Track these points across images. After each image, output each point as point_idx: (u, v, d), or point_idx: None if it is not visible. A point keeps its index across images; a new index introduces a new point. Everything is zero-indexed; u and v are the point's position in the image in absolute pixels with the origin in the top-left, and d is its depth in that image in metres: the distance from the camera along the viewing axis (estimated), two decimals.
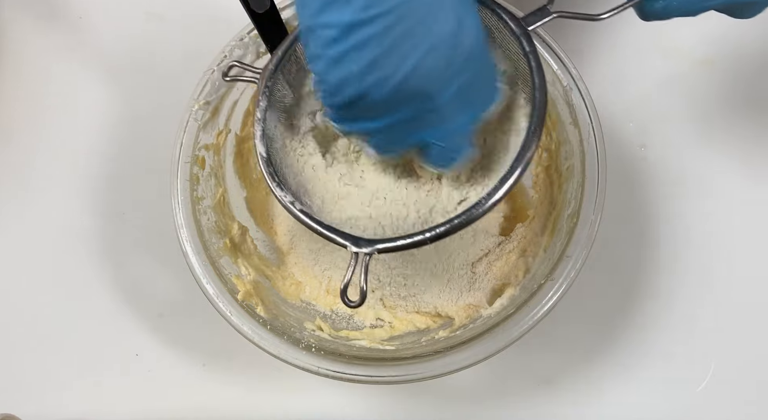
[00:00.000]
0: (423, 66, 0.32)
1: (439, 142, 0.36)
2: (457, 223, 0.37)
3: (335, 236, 0.38)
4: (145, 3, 0.58)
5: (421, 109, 0.34)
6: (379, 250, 0.37)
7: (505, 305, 0.46)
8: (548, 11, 0.39)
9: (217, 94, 0.47)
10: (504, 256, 0.50)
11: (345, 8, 0.31)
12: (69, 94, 0.57)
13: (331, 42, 0.32)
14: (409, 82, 0.33)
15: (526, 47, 0.39)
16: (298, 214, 0.39)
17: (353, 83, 0.33)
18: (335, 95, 0.34)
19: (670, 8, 0.38)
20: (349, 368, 0.43)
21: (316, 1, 0.32)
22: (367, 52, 0.32)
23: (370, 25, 0.31)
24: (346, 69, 0.32)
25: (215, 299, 0.44)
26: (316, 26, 0.32)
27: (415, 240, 0.37)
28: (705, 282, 0.52)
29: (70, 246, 0.54)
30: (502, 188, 0.37)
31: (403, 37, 0.32)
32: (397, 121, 0.35)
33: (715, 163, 0.54)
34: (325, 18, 0.32)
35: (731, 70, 0.56)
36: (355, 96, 0.33)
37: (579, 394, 0.50)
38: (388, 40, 0.32)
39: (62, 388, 0.52)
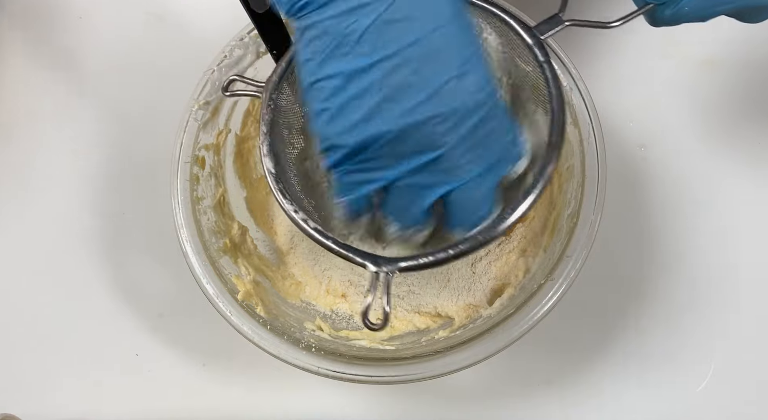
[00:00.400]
0: (425, 110, 0.32)
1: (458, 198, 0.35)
2: (480, 240, 0.36)
3: (353, 255, 0.37)
4: (145, 3, 0.58)
5: (429, 160, 0.33)
6: (401, 268, 0.36)
7: (505, 305, 0.46)
8: (560, 20, 0.39)
9: (217, 94, 0.47)
10: (504, 256, 0.50)
11: (345, 58, 0.31)
12: (69, 94, 0.57)
13: (334, 93, 0.32)
14: (410, 127, 0.32)
15: (540, 57, 0.38)
16: (311, 233, 0.38)
17: (356, 132, 0.32)
18: (338, 149, 0.33)
19: (680, 14, 0.37)
20: (349, 368, 0.43)
21: (317, 56, 0.32)
22: (367, 99, 0.32)
23: (370, 72, 0.31)
24: (349, 118, 0.32)
25: (215, 299, 0.44)
26: (319, 80, 0.32)
27: (438, 258, 0.36)
28: (705, 282, 0.52)
29: (70, 246, 0.54)
30: (524, 203, 0.37)
31: (404, 83, 0.31)
32: (405, 173, 0.34)
33: (716, 163, 0.54)
34: (327, 70, 0.32)
35: (732, 70, 0.56)
36: (357, 146, 0.33)
37: (579, 394, 0.50)
38: (389, 85, 0.31)
39: (62, 388, 0.52)
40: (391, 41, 0.31)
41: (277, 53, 0.42)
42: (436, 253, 0.36)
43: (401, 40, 0.31)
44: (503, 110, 0.35)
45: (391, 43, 0.31)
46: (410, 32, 0.31)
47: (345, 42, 0.31)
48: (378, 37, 0.31)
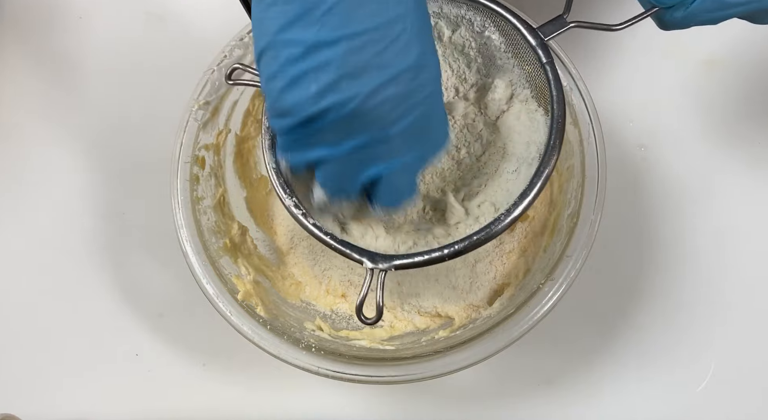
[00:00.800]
0: (381, 94, 0.32)
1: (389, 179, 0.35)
2: (476, 239, 0.37)
3: (351, 252, 0.37)
4: (145, 3, 0.58)
5: (373, 139, 0.33)
6: (396, 266, 0.37)
7: (505, 305, 0.46)
8: (565, 21, 0.39)
9: (217, 94, 0.47)
10: (504, 256, 0.50)
11: (311, 27, 0.31)
12: (69, 94, 0.57)
13: (292, 60, 0.32)
14: (364, 108, 0.32)
15: (543, 58, 0.38)
16: (312, 229, 0.38)
17: (309, 104, 0.32)
18: (288, 116, 0.33)
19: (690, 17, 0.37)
20: (349, 368, 0.43)
21: (280, 18, 0.32)
22: (327, 74, 0.31)
23: (335, 47, 0.31)
24: (306, 89, 0.32)
25: (215, 299, 0.44)
26: (278, 43, 0.32)
27: (433, 256, 0.37)
28: (705, 282, 0.52)
29: (70, 246, 0.54)
30: (521, 204, 0.37)
31: (366, 63, 0.31)
32: (348, 150, 0.34)
33: (716, 162, 0.54)
34: (287, 35, 0.31)
35: (732, 70, 0.56)
36: (308, 117, 0.32)
37: (579, 394, 0.50)
38: (351, 63, 0.31)
39: (62, 388, 0.52)
40: (360, 20, 0.31)
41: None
42: (432, 252, 0.37)
43: (369, 21, 0.31)
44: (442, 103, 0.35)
45: (358, 22, 0.31)
46: (379, 15, 0.31)
47: (312, 12, 0.31)
48: (347, 13, 0.31)
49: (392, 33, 0.32)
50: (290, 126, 0.33)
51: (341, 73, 0.31)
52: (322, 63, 0.31)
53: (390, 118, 0.33)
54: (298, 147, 0.34)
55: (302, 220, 0.38)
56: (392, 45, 0.32)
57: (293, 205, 0.38)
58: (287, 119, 0.33)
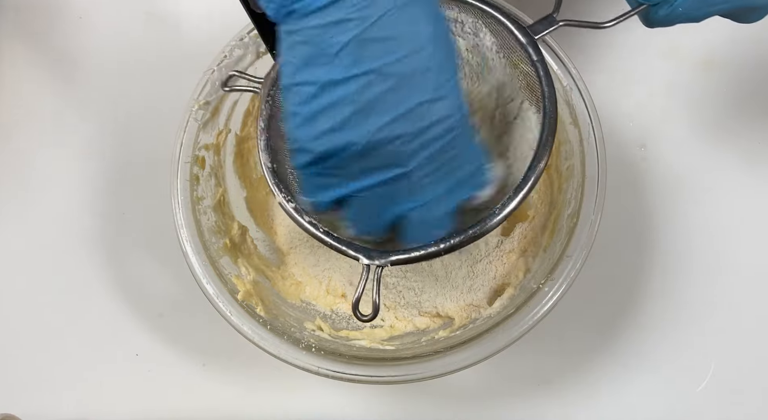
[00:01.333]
0: (393, 129, 0.32)
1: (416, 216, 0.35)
2: (471, 234, 0.37)
3: (347, 248, 0.38)
4: (145, 3, 0.58)
5: (393, 175, 0.34)
6: (392, 262, 0.37)
7: (505, 305, 0.46)
8: (554, 20, 0.40)
9: (217, 94, 0.47)
10: (504, 256, 0.50)
11: (324, 67, 0.32)
12: (69, 94, 0.57)
13: (307, 99, 0.33)
14: (378, 143, 0.33)
15: (533, 56, 0.39)
16: (307, 227, 0.38)
17: (324, 140, 0.33)
18: (305, 152, 0.34)
19: (674, 15, 0.38)
20: (349, 368, 0.43)
21: (296, 61, 0.33)
22: (338, 111, 0.32)
23: (347, 84, 0.32)
24: (319, 126, 0.33)
25: (215, 299, 0.44)
26: (295, 84, 0.33)
27: (429, 251, 0.37)
28: (705, 282, 0.52)
29: (70, 246, 0.54)
30: (515, 199, 0.37)
31: (376, 100, 0.32)
32: (368, 187, 0.34)
33: (716, 163, 0.54)
34: (304, 76, 0.33)
35: (731, 71, 0.56)
36: (324, 153, 0.33)
37: (579, 394, 0.50)
38: (362, 100, 0.32)
39: (62, 388, 0.52)
40: (370, 58, 0.32)
41: (277, 53, 0.42)
42: (427, 247, 0.37)
43: (379, 58, 0.32)
44: (471, 137, 0.35)
45: (369, 60, 0.32)
46: (389, 52, 0.32)
47: (324, 52, 0.32)
48: (357, 52, 0.32)
49: (404, 69, 0.32)
50: (307, 162, 0.34)
51: (353, 110, 0.32)
52: (334, 101, 0.32)
53: (405, 152, 0.33)
54: (319, 184, 0.35)
55: (298, 218, 0.38)
56: (404, 80, 0.32)
57: (288, 203, 0.39)
58: (305, 156, 0.34)
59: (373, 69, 0.32)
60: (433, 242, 0.37)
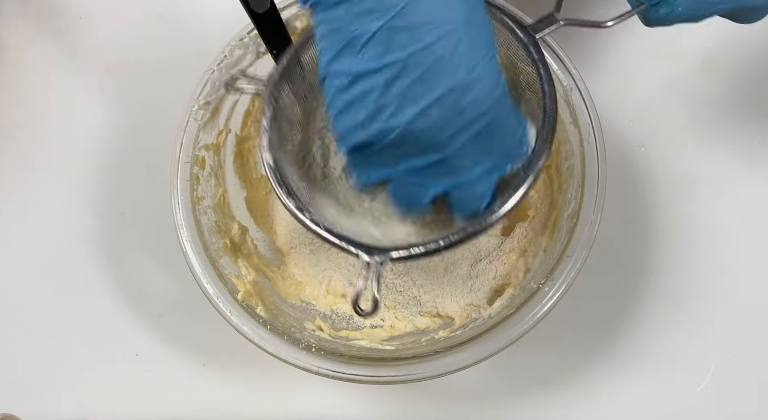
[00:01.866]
0: (426, 117, 0.32)
1: (460, 193, 0.36)
2: (471, 231, 0.37)
3: (347, 245, 0.37)
4: (145, 3, 0.58)
5: (431, 160, 0.34)
6: (393, 258, 0.37)
7: (505, 305, 0.46)
8: (555, 19, 0.40)
9: (217, 94, 0.47)
10: (504, 256, 0.50)
11: (354, 57, 0.32)
12: (69, 94, 0.57)
13: (341, 90, 0.33)
14: (412, 131, 0.33)
15: (534, 55, 0.39)
16: (308, 224, 0.38)
17: (359, 131, 0.33)
18: (346, 141, 0.35)
19: (674, 15, 0.38)
20: (349, 368, 0.43)
21: (329, 50, 0.33)
22: (371, 101, 0.33)
23: (376, 75, 0.32)
24: (354, 117, 0.33)
25: (215, 299, 0.44)
26: (329, 74, 0.33)
27: (430, 248, 0.37)
28: (705, 282, 0.52)
29: (70, 246, 0.54)
30: (515, 195, 0.37)
31: (407, 90, 0.32)
32: (408, 170, 0.35)
33: (716, 163, 0.54)
34: (336, 66, 0.33)
35: (731, 70, 0.56)
36: (362, 143, 0.34)
37: (579, 394, 0.50)
38: (394, 90, 0.32)
39: (62, 388, 0.52)
40: (398, 47, 0.32)
41: (277, 53, 0.42)
42: (428, 244, 0.37)
43: (408, 47, 0.32)
44: (510, 112, 0.35)
45: (397, 50, 0.32)
46: (417, 39, 0.32)
47: (354, 43, 0.32)
48: (386, 41, 0.32)
49: (432, 55, 0.32)
50: (348, 150, 0.35)
51: (384, 101, 0.32)
52: (366, 91, 0.33)
53: (440, 138, 0.33)
54: (360, 168, 0.36)
55: (300, 217, 0.38)
56: (434, 68, 0.32)
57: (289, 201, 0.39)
58: (344, 144, 0.35)
59: (400, 58, 0.32)
60: (432, 239, 0.37)
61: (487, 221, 0.37)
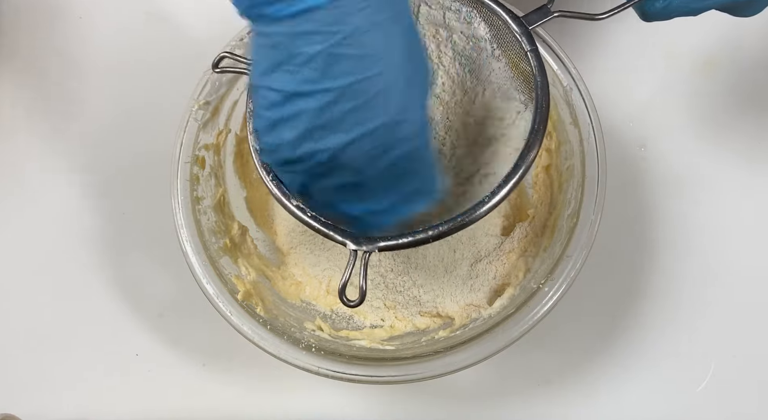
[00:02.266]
0: (354, 147, 0.32)
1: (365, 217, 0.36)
2: (460, 222, 0.37)
3: (333, 233, 0.37)
4: (145, 3, 0.58)
5: (348, 183, 0.34)
6: (380, 247, 0.37)
7: (505, 305, 0.46)
8: (549, 11, 0.40)
9: (217, 94, 0.47)
10: (504, 256, 0.50)
11: (291, 76, 0.32)
12: (69, 94, 0.57)
13: (271, 105, 0.33)
14: (337, 159, 0.33)
15: (526, 46, 0.39)
16: (293, 210, 0.38)
17: (285, 150, 0.33)
18: (269, 156, 0.35)
19: (670, 8, 0.37)
20: (349, 368, 0.43)
21: (265, 62, 0.32)
22: (301, 123, 0.32)
23: (310, 98, 0.32)
24: (281, 135, 0.33)
25: (215, 299, 0.44)
26: (262, 86, 0.33)
27: (418, 238, 0.37)
28: (705, 282, 0.52)
29: (70, 246, 0.54)
30: (505, 187, 0.37)
31: (340, 118, 0.32)
32: (324, 189, 0.35)
33: (716, 163, 0.54)
34: (270, 81, 0.32)
35: (731, 70, 0.56)
36: (285, 162, 0.34)
37: (579, 394, 0.50)
38: (325, 116, 0.32)
39: (62, 388, 0.52)
40: (336, 75, 0.31)
41: None
42: (416, 234, 0.37)
43: (346, 76, 0.31)
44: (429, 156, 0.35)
45: (334, 77, 0.31)
46: (357, 70, 0.31)
47: (292, 61, 0.32)
48: (325, 66, 0.31)
49: (370, 90, 0.32)
50: (272, 162, 0.36)
51: (315, 124, 0.32)
52: (297, 113, 0.32)
53: (362, 167, 0.33)
54: (283, 175, 0.37)
55: (285, 202, 0.38)
56: (370, 101, 0.32)
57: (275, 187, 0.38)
58: (270, 157, 0.35)
59: (337, 86, 0.31)
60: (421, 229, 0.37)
61: (477, 212, 0.37)
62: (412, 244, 0.37)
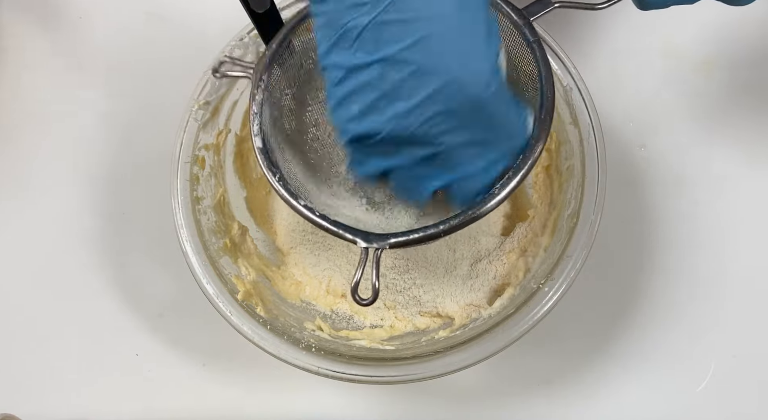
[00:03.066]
0: (420, 112, 0.32)
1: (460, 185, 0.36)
2: (471, 215, 0.37)
3: (343, 232, 0.37)
4: (145, 3, 0.58)
5: (430, 153, 0.34)
6: (391, 244, 0.36)
7: (505, 305, 0.46)
8: (549, 2, 0.40)
9: (217, 94, 0.47)
10: (504, 256, 0.50)
11: (347, 51, 0.32)
12: (69, 93, 0.57)
13: (337, 82, 0.33)
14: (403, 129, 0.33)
15: (529, 37, 0.39)
16: (301, 210, 0.38)
17: (355, 123, 0.33)
18: (343, 133, 0.34)
19: None
20: (349, 368, 0.43)
21: (325, 41, 0.33)
22: (366, 95, 0.33)
23: (369, 70, 0.32)
24: (349, 110, 0.33)
25: (215, 299, 0.44)
26: (326, 66, 0.33)
27: (429, 233, 0.36)
28: (705, 282, 0.52)
29: (70, 246, 0.54)
30: (513, 180, 0.37)
31: (400, 85, 0.32)
32: (407, 163, 0.35)
33: (716, 162, 0.54)
34: (331, 59, 0.33)
35: (731, 71, 0.56)
36: (359, 135, 0.34)
37: (579, 394, 0.50)
38: (386, 84, 0.32)
39: (62, 388, 0.52)
40: (389, 42, 0.32)
41: None
42: (426, 230, 0.37)
43: (398, 42, 0.31)
44: (509, 103, 0.35)
45: (388, 44, 0.32)
46: (408, 34, 0.31)
47: (346, 36, 0.32)
48: (377, 36, 0.32)
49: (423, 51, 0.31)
50: (346, 142, 0.35)
51: (378, 94, 0.32)
52: (360, 86, 0.33)
53: (435, 133, 0.33)
54: (359, 160, 0.36)
55: (293, 202, 0.38)
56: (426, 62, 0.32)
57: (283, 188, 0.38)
58: (343, 136, 0.35)
59: (391, 54, 0.32)
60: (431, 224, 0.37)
61: (485, 206, 0.37)
62: (423, 239, 0.37)
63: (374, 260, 0.36)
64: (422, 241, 0.37)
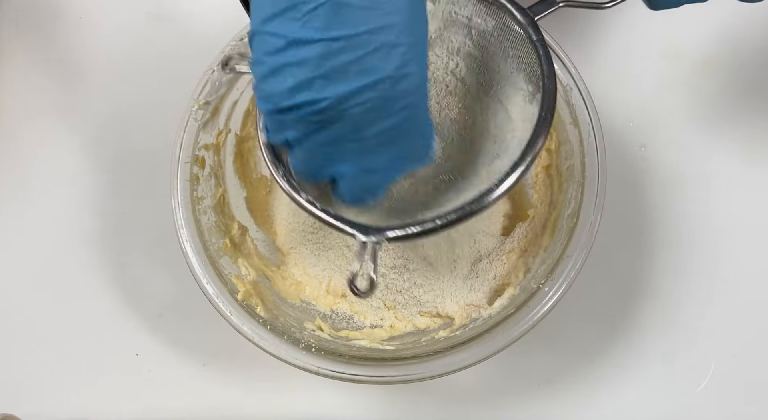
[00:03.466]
0: (353, 98, 0.32)
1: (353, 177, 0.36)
2: (468, 210, 0.37)
3: (343, 225, 0.37)
4: (145, 3, 0.58)
5: (343, 138, 0.34)
6: (389, 238, 0.37)
7: (505, 305, 0.46)
8: (554, 1, 0.40)
9: (217, 94, 0.47)
10: (504, 255, 0.50)
11: (295, 23, 0.32)
12: (68, 94, 0.57)
13: (274, 51, 0.33)
14: (335, 109, 0.33)
15: (533, 36, 0.39)
16: (303, 203, 0.38)
17: (284, 96, 0.33)
18: (266, 102, 0.34)
19: None
20: (349, 368, 0.43)
21: (269, 8, 0.32)
22: (303, 71, 0.32)
23: (314, 46, 0.32)
24: (282, 81, 0.33)
25: (215, 299, 0.44)
26: (265, 31, 0.33)
27: (427, 228, 0.36)
28: (705, 282, 0.52)
29: (70, 246, 0.54)
30: (514, 174, 0.37)
31: (342, 67, 0.32)
32: (317, 142, 0.35)
33: (716, 163, 0.54)
34: (274, 26, 0.32)
35: (731, 70, 0.56)
36: (283, 108, 0.34)
37: (579, 394, 0.50)
38: (327, 65, 0.32)
39: (62, 388, 0.52)
40: (342, 24, 0.32)
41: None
42: (424, 224, 0.37)
43: (351, 27, 0.32)
44: (425, 116, 0.36)
45: (340, 26, 0.32)
46: (363, 21, 0.32)
47: (298, 8, 0.32)
48: (331, 15, 0.32)
49: (374, 41, 0.32)
50: (269, 110, 0.34)
51: (316, 73, 0.32)
52: (300, 60, 0.32)
53: (362, 121, 0.33)
54: (275, 127, 0.36)
55: (295, 196, 0.38)
56: (373, 53, 0.32)
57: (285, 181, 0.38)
58: (267, 104, 0.34)
59: (342, 36, 0.32)
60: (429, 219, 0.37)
61: (485, 201, 0.37)
62: (421, 233, 0.37)
63: (372, 253, 0.36)
64: (420, 236, 0.37)
